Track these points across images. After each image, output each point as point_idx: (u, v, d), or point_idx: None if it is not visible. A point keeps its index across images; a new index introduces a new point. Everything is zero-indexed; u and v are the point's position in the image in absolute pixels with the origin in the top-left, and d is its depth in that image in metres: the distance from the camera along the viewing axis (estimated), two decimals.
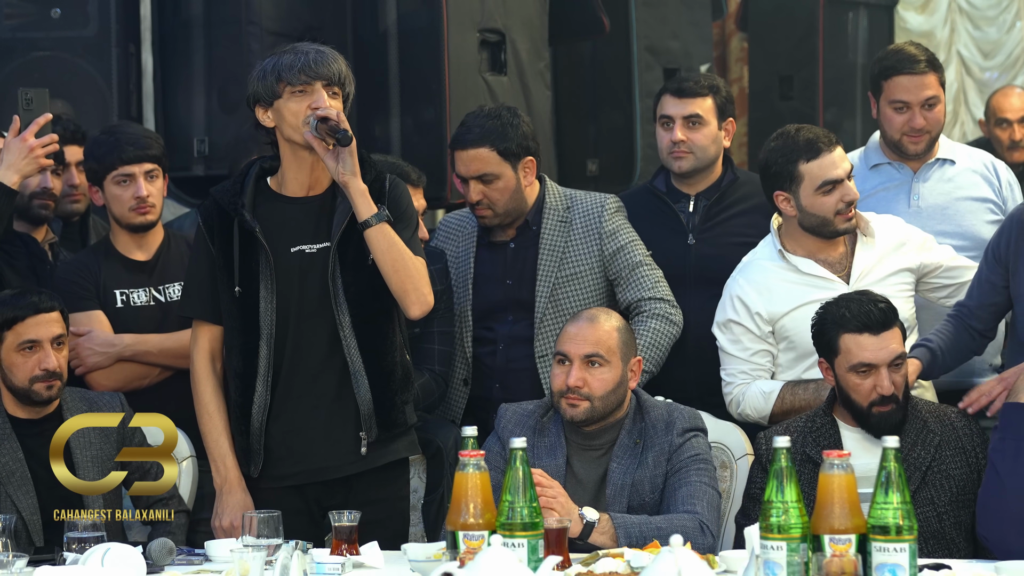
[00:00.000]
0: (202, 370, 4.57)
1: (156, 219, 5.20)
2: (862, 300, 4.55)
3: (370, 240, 4.42)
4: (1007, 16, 12.72)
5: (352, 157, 4.40)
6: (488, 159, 5.13)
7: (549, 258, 5.16)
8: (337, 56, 4.50)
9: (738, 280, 4.99)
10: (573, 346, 4.53)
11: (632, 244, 5.18)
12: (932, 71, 5.30)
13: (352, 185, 4.41)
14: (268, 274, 4.47)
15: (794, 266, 4.96)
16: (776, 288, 4.94)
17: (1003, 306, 4.84)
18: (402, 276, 4.43)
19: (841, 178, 4.89)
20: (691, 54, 8.05)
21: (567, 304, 5.11)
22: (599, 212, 5.18)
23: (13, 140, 4.88)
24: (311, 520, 4.47)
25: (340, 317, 4.45)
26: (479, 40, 6.42)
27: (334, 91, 4.45)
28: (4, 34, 6.28)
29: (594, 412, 4.51)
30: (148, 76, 6.44)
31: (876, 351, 4.48)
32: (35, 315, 4.66)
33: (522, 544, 3.68)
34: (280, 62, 4.44)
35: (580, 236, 5.18)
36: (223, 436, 4.54)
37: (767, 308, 4.93)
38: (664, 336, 5.10)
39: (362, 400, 4.46)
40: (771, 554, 3.49)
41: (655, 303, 5.12)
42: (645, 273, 5.15)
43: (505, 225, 5.22)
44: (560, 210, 5.20)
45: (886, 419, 4.48)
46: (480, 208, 5.17)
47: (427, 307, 4.48)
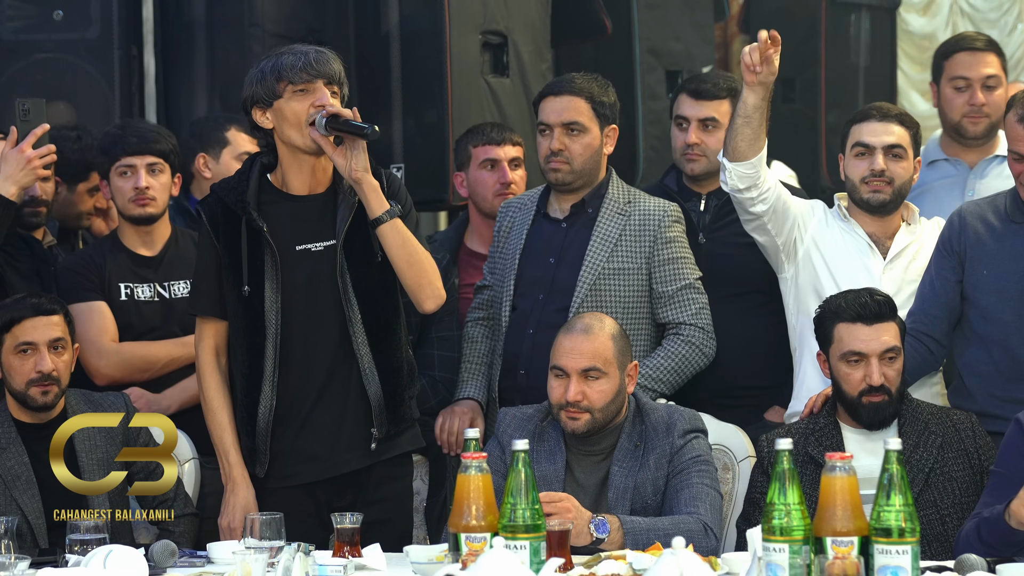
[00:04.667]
0: (207, 366, 4.59)
1: (157, 213, 5.19)
2: (860, 292, 4.60)
3: (384, 236, 4.43)
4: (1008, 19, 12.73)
5: (365, 153, 4.41)
6: (582, 109, 5.11)
7: (600, 246, 5.07)
8: (335, 56, 4.51)
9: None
10: (570, 360, 4.51)
11: (685, 261, 5.10)
12: (992, 52, 5.30)
13: (365, 181, 4.42)
14: (274, 273, 4.48)
15: (849, 224, 5.03)
16: (831, 226, 5.03)
17: (957, 307, 4.85)
18: (416, 271, 4.45)
19: (874, 145, 4.93)
20: (693, 56, 8.04)
21: (607, 296, 5.03)
22: (661, 216, 5.10)
23: (10, 152, 4.86)
24: (320, 521, 4.45)
25: (351, 314, 4.46)
26: (481, 42, 6.42)
27: (333, 90, 4.46)
28: (6, 36, 6.28)
29: (595, 423, 4.51)
30: (150, 78, 6.43)
31: (867, 341, 4.50)
32: (34, 317, 4.66)
33: (524, 546, 3.69)
34: (280, 62, 4.45)
35: (635, 233, 5.09)
36: (227, 433, 4.56)
37: (808, 223, 5.03)
38: (691, 365, 5.06)
39: (374, 396, 4.48)
40: (773, 556, 3.49)
41: (693, 330, 5.06)
42: (691, 297, 5.08)
43: (571, 189, 5.13)
44: (620, 202, 5.13)
45: (877, 410, 4.51)
46: (556, 160, 5.10)
47: (440, 300, 4.50)
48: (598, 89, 5.14)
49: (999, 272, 4.78)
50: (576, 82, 5.15)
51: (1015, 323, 4.75)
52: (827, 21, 8.31)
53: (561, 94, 5.14)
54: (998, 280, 4.78)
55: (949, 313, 4.86)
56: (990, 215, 4.85)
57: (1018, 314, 4.75)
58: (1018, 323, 4.75)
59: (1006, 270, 4.77)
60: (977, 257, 4.82)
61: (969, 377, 4.84)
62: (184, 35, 6.39)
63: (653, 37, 7.74)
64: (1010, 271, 4.77)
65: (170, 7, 6.42)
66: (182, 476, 4.84)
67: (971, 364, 4.84)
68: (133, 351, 5.12)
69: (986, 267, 4.79)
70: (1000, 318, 4.77)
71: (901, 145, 4.97)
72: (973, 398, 4.77)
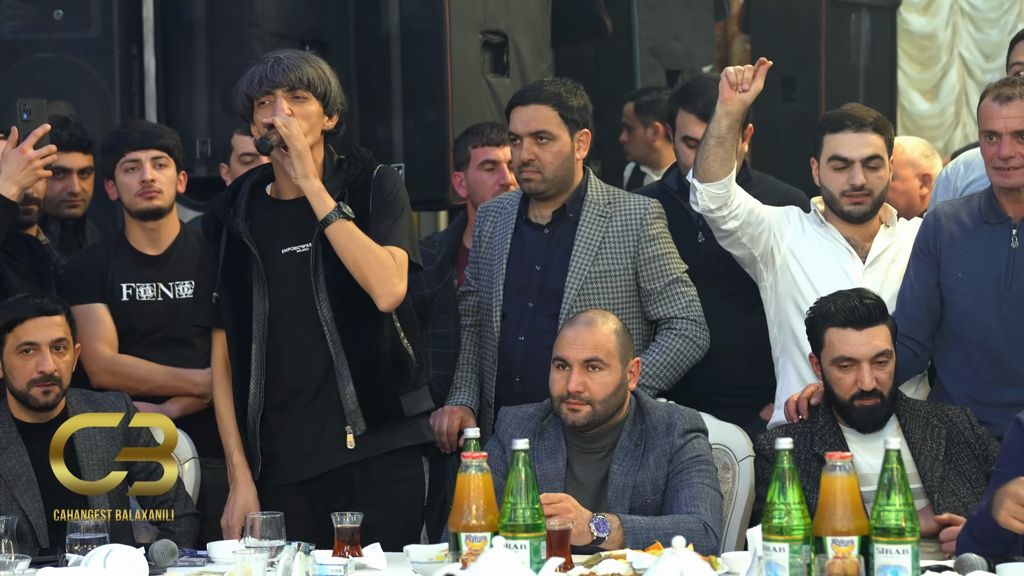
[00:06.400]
0: (216, 373, 4.67)
1: (165, 206, 5.18)
2: (850, 296, 4.58)
3: (330, 238, 4.46)
4: (1009, 18, 12.74)
5: (300, 160, 4.44)
6: (549, 118, 5.06)
7: (585, 251, 5.07)
8: (305, 60, 4.52)
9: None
10: (572, 351, 4.53)
11: (670, 256, 5.09)
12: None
13: (304, 187, 4.47)
14: (260, 278, 4.53)
15: (826, 229, 5.00)
16: (808, 232, 5.00)
17: (938, 309, 4.84)
18: (364, 270, 4.45)
19: (852, 159, 4.89)
20: (693, 56, 8.06)
21: (596, 300, 5.03)
22: (643, 214, 5.09)
23: (11, 152, 4.85)
24: (316, 521, 4.47)
25: (322, 312, 4.48)
26: (482, 42, 6.43)
27: (297, 95, 4.47)
28: (6, 36, 6.29)
29: (595, 416, 4.51)
30: (150, 78, 6.44)
31: (858, 346, 4.50)
32: (36, 317, 4.65)
33: (524, 546, 3.68)
34: (245, 77, 4.54)
35: (619, 234, 5.08)
36: (231, 435, 4.61)
37: (783, 231, 5.00)
38: (686, 358, 5.06)
39: (344, 394, 4.49)
40: (773, 556, 3.49)
41: (686, 323, 5.06)
42: (680, 291, 5.07)
43: (546, 197, 5.11)
44: (601, 204, 5.11)
45: (869, 413, 4.51)
46: (528, 170, 5.07)
47: (396, 298, 4.48)
48: (566, 94, 5.09)
49: (974, 274, 4.75)
50: (543, 90, 5.11)
51: (993, 325, 4.73)
52: (827, 21, 8.33)
53: (528, 103, 5.09)
54: (974, 282, 4.75)
55: (930, 315, 4.83)
56: (964, 216, 4.82)
57: (995, 316, 4.73)
58: (996, 325, 4.72)
59: (981, 272, 4.75)
60: (952, 259, 4.79)
61: (948, 381, 4.81)
62: (184, 35, 6.40)
63: (653, 37, 7.76)
64: (985, 273, 4.74)
65: (170, 7, 6.42)
66: (182, 476, 4.84)
67: (950, 368, 4.82)
68: (123, 365, 5.11)
69: (961, 269, 4.76)
70: (977, 320, 4.75)
71: (878, 155, 4.92)
72: (953, 402, 4.74)
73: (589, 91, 5.27)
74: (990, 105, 4.71)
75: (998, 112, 4.69)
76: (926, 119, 13.05)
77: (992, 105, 4.70)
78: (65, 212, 5.54)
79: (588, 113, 5.14)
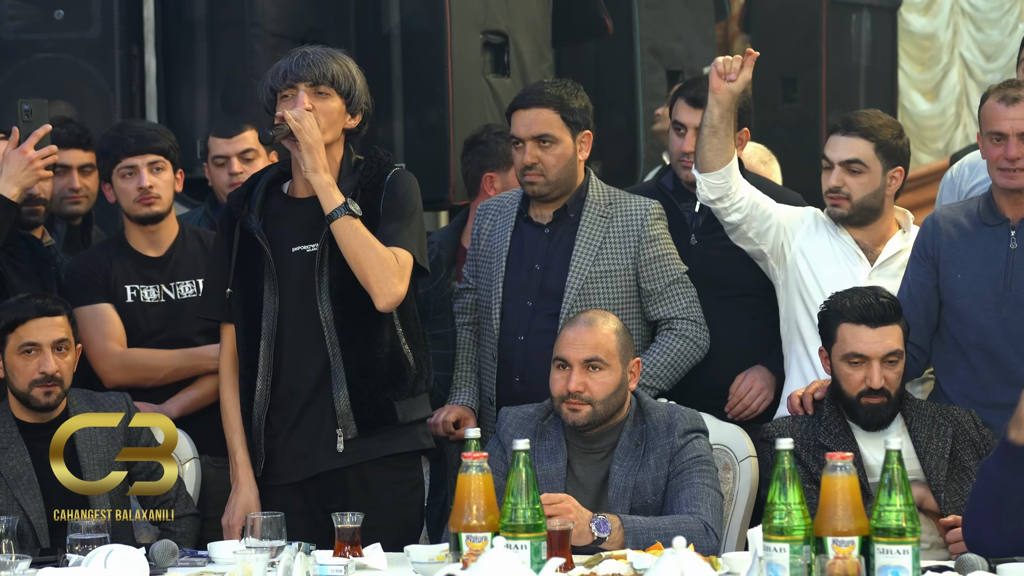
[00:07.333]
0: (223, 369, 4.65)
1: (163, 211, 5.17)
2: (866, 292, 4.59)
3: (334, 232, 4.45)
4: (1010, 19, 12.75)
5: (310, 154, 4.43)
6: (551, 121, 5.07)
7: (586, 251, 5.07)
8: (332, 55, 4.53)
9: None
10: (572, 351, 4.53)
11: (670, 257, 5.10)
12: None
13: (313, 181, 4.46)
14: (271, 275, 4.52)
15: (837, 230, 5.02)
16: (820, 232, 5.02)
17: (935, 312, 4.83)
18: (364, 268, 4.44)
19: (832, 161, 4.93)
20: (694, 56, 8.05)
21: (596, 300, 5.03)
22: (643, 215, 5.10)
23: (12, 152, 4.85)
24: (314, 520, 4.48)
25: (323, 312, 4.48)
26: (482, 42, 6.43)
27: (320, 91, 4.47)
28: (7, 36, 6.29)
29: (596, 416, 4.51)
30: (151, 78, 6.44)
31: (870, 344, 4.50)
32: (38, 318, 4.65)
33: (525, 546, 3.69)
34: (271, 70, 4.53)
35: (619, 234, 5.09)
36: (236, 434, 4.60)
37: (795, 230, 5.02)
38: (686, 359, 5.07)
39: (337, 396, 4.48)
40: (774, 556, 3.49)
41: (686, 324, 5.07)
42: (680, 291, 5.08)
43: (549, 199, 5.12)
44: (602, 205, 5.13)
45: (875, 411, 4.51)
46: (531, 173, 5.08)
47: (394, 299, 4.46)
48: (567, 96, 5.09)
49: (973, 276, 4.76)
50: (544, 92, 5.11)
51: (992, 326, 4.73)
52: (828, 21, 8.33)
53: (529, 106, 5.10)
54: (973, 283, 4.75)
55: (928, 319, 4.83)
56: (963, 218, 4.83)
57: (994, 317, 4.73)
58: (995, 326, 4.73)
59: (980, 273, 4.76)
60: (951, 261, 4.79)
61: (947, 383, 4.82)
62: (185, 35, 6.40)
63: (654, 37, 7.76)
64: (984, 274, 4.75)
65: (171, 7, 6.43)
66: (183, 476, 4.84)
67: (949, 370, 4.82)
68: (137, 358, 5.12)
69: (960, 271, 4.77)
70: (976, 321, 4.75)
71: (859, 160, 4.92)
72: (952, 403, 4.75)
73: (589, 91, 5.28)
74: (995, 106, 4.73)
75: (1004, 113, 4.71)
76: (927, 119, 13.07)
77: (998, 106, 4.72)
78: (68, 209, 5.55)
79: (589, 114, 5.15)
